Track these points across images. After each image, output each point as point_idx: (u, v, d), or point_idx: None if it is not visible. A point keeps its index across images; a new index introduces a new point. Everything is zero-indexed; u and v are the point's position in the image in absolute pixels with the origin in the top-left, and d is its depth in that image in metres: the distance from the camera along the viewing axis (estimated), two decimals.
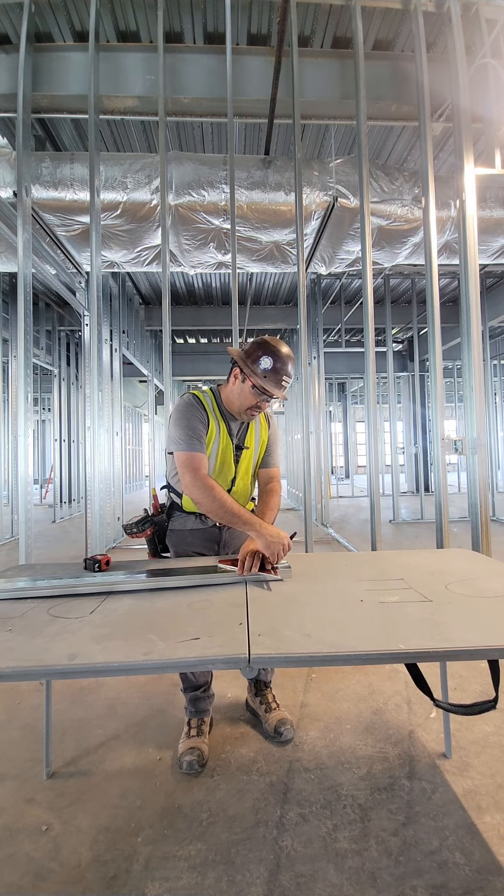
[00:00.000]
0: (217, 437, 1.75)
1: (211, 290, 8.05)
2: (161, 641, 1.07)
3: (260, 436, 1.86)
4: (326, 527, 6.78)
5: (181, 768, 1.70)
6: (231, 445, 1.77)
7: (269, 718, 1.91)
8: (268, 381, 1.66)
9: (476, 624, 1.13)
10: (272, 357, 1.65)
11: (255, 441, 1.85)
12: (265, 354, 1.66)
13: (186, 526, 1.85)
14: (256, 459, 1.87)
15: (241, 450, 1.79)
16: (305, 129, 4.22)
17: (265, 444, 1.88)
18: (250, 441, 1.83)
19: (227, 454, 1.76)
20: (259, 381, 1.65)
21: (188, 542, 1.86)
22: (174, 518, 1.87)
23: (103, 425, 4.57)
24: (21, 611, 1.29)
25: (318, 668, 2.42)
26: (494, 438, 9.10)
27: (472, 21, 3.28)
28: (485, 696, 1.80)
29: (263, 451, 1.88)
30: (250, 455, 1.83)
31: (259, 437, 1.86)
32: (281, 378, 1.66)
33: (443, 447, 3.17)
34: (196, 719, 1.86)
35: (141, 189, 3.72)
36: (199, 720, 1.86)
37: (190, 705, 1.88)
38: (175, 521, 1.87)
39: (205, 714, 1.88)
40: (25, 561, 3.02)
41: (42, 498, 11.28)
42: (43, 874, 1.31)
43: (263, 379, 1.65)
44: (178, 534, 1.87)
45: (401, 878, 1.28)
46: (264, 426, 1.89)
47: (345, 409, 15.37)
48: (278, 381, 1.66)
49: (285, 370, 1.66)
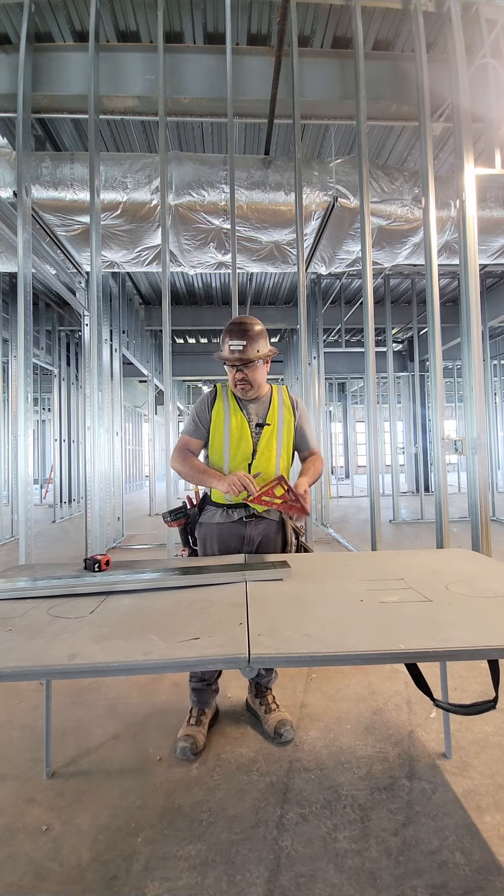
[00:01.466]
0: (227, 416, 1.90)
1: (211, 290, 8.05)
2: (161, 641, 1.07)
3: (284, 415, 1.95)
4: (326, 527, 6.78)
5: (175, 753, 1.78)
6: (247, 423, 1.89)
7: (269, 719, 1.93)
8: (222, 353, 1.88)
9: (476, 624, 1.13)
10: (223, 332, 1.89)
11: (279, 419, 1.93)
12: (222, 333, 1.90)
13: (213, 520, 1.92)
14: (283, 436, 1.93)
15: (262, 426, 1.90)
16: (305, 129, 4.22)
17: (291, 425, 1.96)
18: (272, 419, 1.92)
19: (244, 430, 1.89)
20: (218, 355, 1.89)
21: (214, 534, 1.92)
22: (205, 511, 1.96)
23: (103, 425, 4.57)
24: (21, 611, 1.29)
25: (318, 668, 2.42)
26: (494, 438, 9.10)
27: (472, 21, 3.28)
28: (485, 696, 1.80)
29: (290, 430, 1.96)
30: (272, 431, 1.91)
31: (283, 417, 1.94)
32: (226, 344, 1.84)
33: (443, 447, 3.16)
34: (197, 709, 1.93)
35: (141, 189, 3.72)
36: (199, 710, 1.93)
37: (193, 695, 1.95)
38: (204, 515, 1.96)
39: (206, 705, 1.94)
40: (25, 561, 3.02)
41: (42, 498, 11.28)
42: (43, 874, 1.31)
43: (220, 352, 1.89)
44: (205, 527, 1.95)
45: (401, 878, 1.28)
46: (288, 408, 1.97)
47: (345, 409, 15.36)
48: (226, 348, 1.85)
49: (228, 337, 1.85)
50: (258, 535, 1.90)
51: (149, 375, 8.79)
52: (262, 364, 1.89)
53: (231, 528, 1.89)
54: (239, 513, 1.88)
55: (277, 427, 1.92)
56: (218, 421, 1.91)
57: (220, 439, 1.90)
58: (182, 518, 1.96)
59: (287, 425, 1.94)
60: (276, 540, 1.93)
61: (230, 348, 1.83)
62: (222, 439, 1.89)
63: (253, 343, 1.84)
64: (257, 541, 1.90)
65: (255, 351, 1.84)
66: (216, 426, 1.91)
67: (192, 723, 1.88)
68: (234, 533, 1.89)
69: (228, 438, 1.88)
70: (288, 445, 1.95)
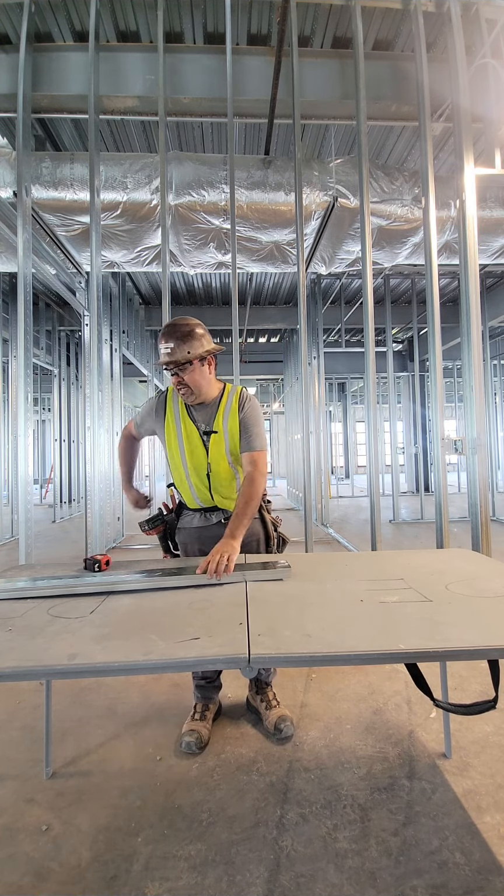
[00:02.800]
0: (177, 421, 1.85)
1: (211, 290, 8.05)
2: (161, 641, 1.07)
3: (228, 420, 1.83)
4: (326, 527, 6.78)
5: (180, 747, 1.81)
6: (196, 430, 1.84)
7: (269, 716, 1.95)
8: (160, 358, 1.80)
9: (476, 624, 1.13)
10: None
11: (224, 425, 1.83)
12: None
13: (192, 524, 1.92)
14: (229, 443, 1.84)
15: (210, 434, 1.83)
16: (305, 129, 4.22)
17: (235, 429, 1.83)
18: (218, 425, 1.83)
19: (194, 438, 1.84)
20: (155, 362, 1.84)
21: (194, 538, 1.92)
22: (182, 516, 1.97)
23: (103, 425, 4.57)
24: (21, 611, 1.29)
25: (318, 668, 2.42)
26: (494, 438, 9.10)
27: (472, 21, 3.28)
28: (485, 696, 1.80)
29: (236, 435, 1.83)
30: (220, 439, 1.83)
31: (227, 421, 1.83)
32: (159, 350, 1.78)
33: (443, 447, 3.16)
34: (201, 704, 1.96)
35: (141, 189, 3.72)
36: (203, 705, 1.96)
37: (196, 691, 1.98)
38: (183, 520, 1.96)
39: (210, 701, 1.98)
40: (25, 561, 3.02)
41: (42, 498, 11.28)
42: (43, 874, 1.31)
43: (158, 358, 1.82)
44: (184, 532, 1.95)
45: (401, 878, 1.28)
46: (234, 409, 1.85)
47: (345, 409, 15.37)
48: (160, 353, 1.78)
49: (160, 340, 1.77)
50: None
51: (149, 375, 8.78)
52: (201, 365, 1.78)
53: (211, 531, 1.88)
54: (217, 516, 1.89)
55: (224, 433, 1.83)
56: (171, 430, 1.86)
57: (176, 450, 1.86)
58: (160, 525, 1.94)
59: (231, 429, 1.83)
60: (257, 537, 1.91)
61: (161, 351, 1.76)
62: (178, 450, 1.86)
63: (183, 344, 1.72)
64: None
65: (186, 352, 1.72)
66: (170, 436, 1.87)
67: (196, 717, 1.91)
68: (215, 535, 1.83)
69: (184, 448, 1.84)
70: (235, 448, 1.85)
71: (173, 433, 1.86)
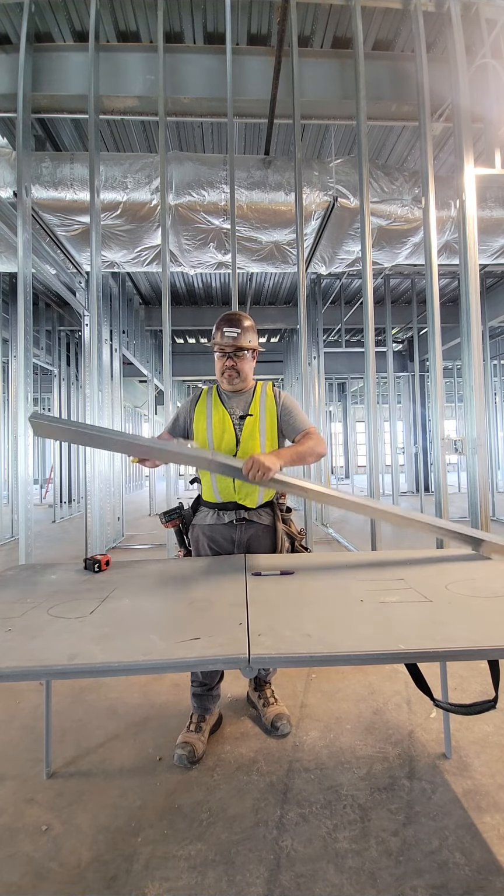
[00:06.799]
0: (209, 411, 1.96)
1: (211, 290, 8.05)
2: (161, 641, 1.07)
3: (266, 405, 1.96)
4: (326, 527, 6.78)
5: (173, 760, 1.76)
6: (228, 415, 1.94)
7: (266, 713, 1.96)
8: (215, 339, 1.93)
9: (476, 624, 1.13)
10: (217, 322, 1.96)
11: (261, 409, 1.94)
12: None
13: (205, 521, 1.94)
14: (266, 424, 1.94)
15: (245, 418, 1.93)
16: (305, 129, 4.22)
17: (273, 413, 1.97)
18: (254, 409, 1.95)
19: (226, 423, 1.93)
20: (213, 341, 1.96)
21: (205, 536, 1.93)
22: (198, 512, 2.00)
23: (103, 425, 4.57)
24: (21, 611, 1.29)
25: (318, 668, 2.42)
26: (494, 438, 9.10)
27: (472, 21, 3.28)
28: (485, 696, 1.80)
29: (273, 417, 1.96)
30: (255, 420, 1.93)
31: (265, 406, 1.96)
32: (220, 331, 1.91)
33: (443, 447, 3.16)
34: (197, 714, 1.90)
35: (141, 189, 3.72)
36: (199, 716, 1.89)
37: (194, 700, 1.92)
38: (198, 516, 1.99)
39: (207, 712, 1.90)
40: (25, 561, 3.02)
41: (42, 498, 11.27)
42: (43, 874, 1.31)
43: (213, 339, 1.95)
44: (197, 528, 1.98)
45: (401, 878, 1.28)
46: (271, 398, 1.99)
47: (345, 409, 15.37)
48: (220, 334, 1.92)
49: (224, 324, 1.92)
50: (247, 537, 1.90)
51: (149, 375, 8.79)
52: (250, 357, 1.95)
53: (221, 531, 1.91)
54: (229, 515, 1.90)
55: (260, 416, 1.94)
56: (200, 416, 1.96)
57: (203, 433, 1.93)
58: (176, 519, 1.99)
59: (269, 413, 1.95)
60: (265, 543, 1.93)
61: (224, 333, 1.89)
62: (206, 433, 1.93)
63: (247, 333, 1.91)
64: (246, 543, 1.90)
65: (248, 340, 1.91)
66: (199, 421, 1.96)
67: (191, 729, 1.84)
68: (225, 535, 1.91)
69: (211, 431, 1.93)
70: (272, 432, 1.95)
71: (203, 418, 1.95)
